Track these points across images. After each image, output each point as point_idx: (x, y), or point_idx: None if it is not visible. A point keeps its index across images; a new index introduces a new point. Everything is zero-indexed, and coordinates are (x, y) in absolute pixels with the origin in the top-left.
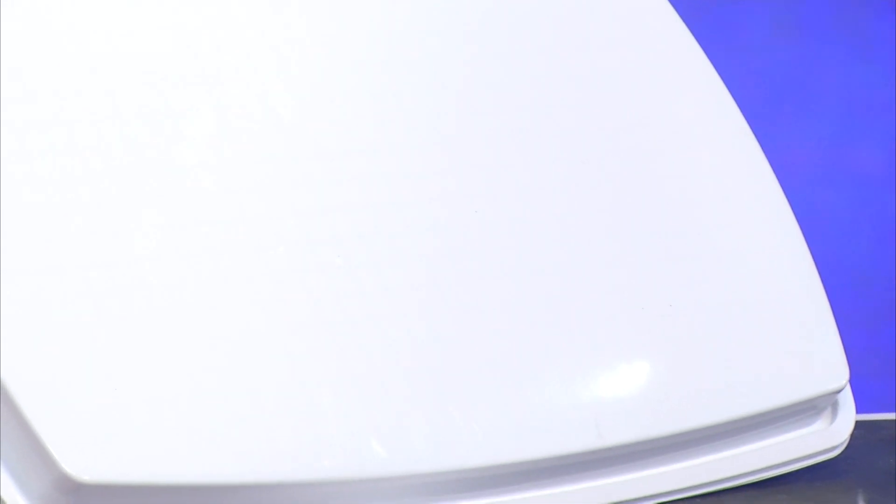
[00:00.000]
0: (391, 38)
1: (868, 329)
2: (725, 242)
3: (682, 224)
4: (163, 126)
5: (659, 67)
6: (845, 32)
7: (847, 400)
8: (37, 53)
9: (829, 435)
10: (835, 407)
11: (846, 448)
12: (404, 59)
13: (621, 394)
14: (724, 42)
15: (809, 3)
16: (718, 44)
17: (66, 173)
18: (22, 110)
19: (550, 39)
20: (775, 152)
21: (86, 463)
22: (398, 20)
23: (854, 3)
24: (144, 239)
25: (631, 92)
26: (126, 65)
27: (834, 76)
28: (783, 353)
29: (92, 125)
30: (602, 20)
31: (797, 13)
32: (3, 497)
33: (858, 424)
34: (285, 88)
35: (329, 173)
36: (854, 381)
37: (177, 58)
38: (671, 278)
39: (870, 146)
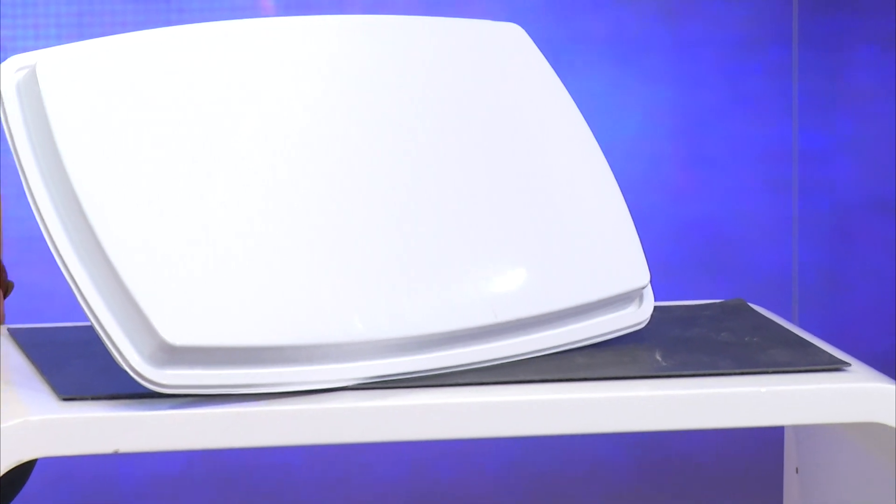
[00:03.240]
0: (363, 90)
1: (660, 249)
2: (571, 196)
3: (542, 185)
4: (241, 129)
5: (523, 86)
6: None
7: (649, 292)
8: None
9: (637, 315)
10: (641, 297)
11: (648, 323)
12: (378, 102)
13: (508, 289)
14: (570, 72)
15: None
16: (567, 72)
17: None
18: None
19: (452, 81)
20: (608, 139)
21: (177, 331)
22: (363, 80)
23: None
24: (228, 180)
25: (506, 101)
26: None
27: (627, 94)
28: (607, 264)
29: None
30: (487, 61)
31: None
32: (126, 356)
33: (656, 308)
34: (307, 109)
35: (332, 152)
36: (653, 281)
37: (248, 91)
38: (538, 216)
39: (654, 139)
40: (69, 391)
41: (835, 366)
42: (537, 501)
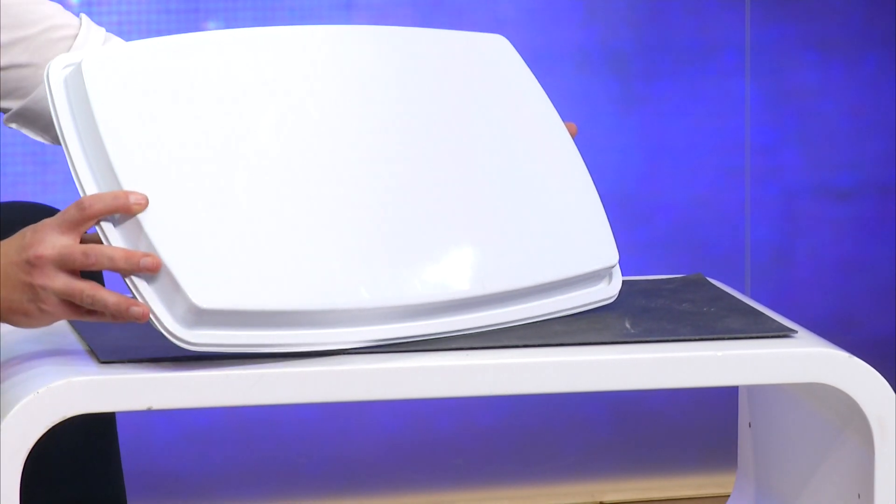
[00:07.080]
0: (366, 92)
1: (628, 228)
2: (550, 187)
3: (525, 177)
4: (259, 123)
5: (507, 90)
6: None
7: (617, 271)
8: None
9: (608, 289)
10: (611, 274)
11: (618, 296)
12: (379, 103)
13: (496, 265)
14: (549, 77)
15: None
16: (546, 76)
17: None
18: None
19: (445, 85)
20: (582, 135)
21: (205, 295)
22: (366, 83)
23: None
24: (250, 166)
25: (492, 103)
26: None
27: (588, 99)
28: (582, 246)
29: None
30: (476, 68)
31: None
32: (160, 317)
33: (624, 281)
34: (318, 108)
35: (343, 148)
36: (622, 258)
37: (263, 89)
38: (521, 204)
39: (618, 137)
40: (108, 355)
41: (783, 332)
42: (525, 451)
